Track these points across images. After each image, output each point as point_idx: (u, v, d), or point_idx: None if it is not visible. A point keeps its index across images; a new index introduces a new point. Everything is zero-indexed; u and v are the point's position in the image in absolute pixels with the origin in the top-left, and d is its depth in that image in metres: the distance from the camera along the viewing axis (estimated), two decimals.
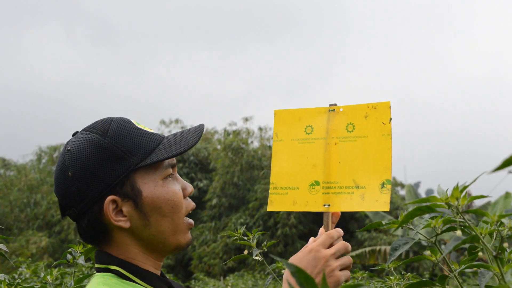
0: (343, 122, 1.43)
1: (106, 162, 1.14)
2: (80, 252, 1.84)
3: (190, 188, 1.23)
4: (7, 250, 1.45)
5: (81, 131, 1.20)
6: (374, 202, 1.36)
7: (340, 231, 1.30)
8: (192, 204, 1.23)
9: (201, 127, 1.25)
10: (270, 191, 1.45)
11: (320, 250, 1.25)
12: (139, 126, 1.21)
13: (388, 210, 1.32)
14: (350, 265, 1.27)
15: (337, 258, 1.25)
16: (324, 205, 1.39)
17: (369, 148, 1.40)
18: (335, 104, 1.45)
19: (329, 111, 1.45)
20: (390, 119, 1.40)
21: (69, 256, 1.84)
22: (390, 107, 1.39)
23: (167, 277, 1.28)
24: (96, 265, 1.18)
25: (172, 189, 1.18)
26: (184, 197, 1.21)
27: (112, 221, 1.15)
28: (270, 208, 1.44)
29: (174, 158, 1.23)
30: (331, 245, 1.27)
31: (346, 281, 1.25)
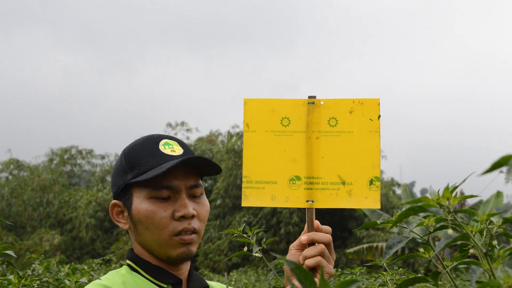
0: (325, 116, 1.38)
1: (117, 172, 1.31)
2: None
3: (182, 212, 1.25)
4: (15, 256, 1.49)
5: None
6: (363, 199, 1.33)
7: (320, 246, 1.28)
8: (183, 226, 1.25)
9: (196, 157, 1.25)
10: (243, 185, 1.37)
11: None
12: (159, 147, 1.28)
13: (379, 207, 1.31)
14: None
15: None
16: (308, 201, 1.35)
17: (355, 144, 1.36)
18: (314, 97, 1.39)
19: (308, 103, 1.38)
20: (379, 116, 1.36)
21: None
22: (379, 104, 1.36)
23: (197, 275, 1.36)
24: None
25: (152, 209, 1.24)
26: (176, 219, 1.25)
27: (113, 220, 1.33)
28: (244, 203, 1.37)
29: (186, 181, 1.26)
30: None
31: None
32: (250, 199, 1.37)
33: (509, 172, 0.63)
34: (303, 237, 1.31)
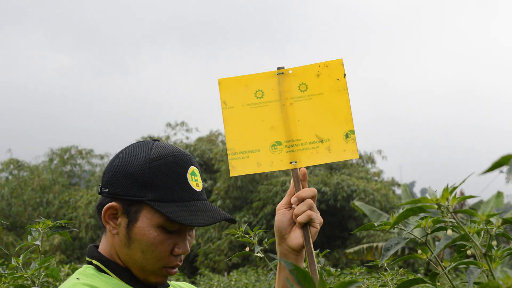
0: (295, 83, 1.46)
1: (133, 177, 1.24)
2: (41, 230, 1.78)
3: (181, 250, 1.27)
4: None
5: (154, 140, 1.30)
6: (342, 152, 1.42)
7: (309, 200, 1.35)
8: (176, 263, 1.28)
9: (221, 217, 1.26)
10: (229, 157, 1.44)
11: None
12: (187, 176, 1.27)
13: (357, 157, 1.41)
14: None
15: None
16: (291, 162, 1.43)
17: (326, 104, 1.44)
18: (283, 67, 1.48)
19: (278, 74, 1.47)
20: (344, 74, 1.45)
21: (29, 238, 1.81)
22: (342, 63, 1.45)
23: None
24: (86, 258, 1.32)
25: (160, 239, 1.24)
26: (172, 253, 1.26)
27: (103, 219, 1.27)
28: (233, 173, 1.44)
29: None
30: None
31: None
32: (237, 169, 1.44)
33: (509, 172, 0.63)
34: (293, 199, 1.37)
